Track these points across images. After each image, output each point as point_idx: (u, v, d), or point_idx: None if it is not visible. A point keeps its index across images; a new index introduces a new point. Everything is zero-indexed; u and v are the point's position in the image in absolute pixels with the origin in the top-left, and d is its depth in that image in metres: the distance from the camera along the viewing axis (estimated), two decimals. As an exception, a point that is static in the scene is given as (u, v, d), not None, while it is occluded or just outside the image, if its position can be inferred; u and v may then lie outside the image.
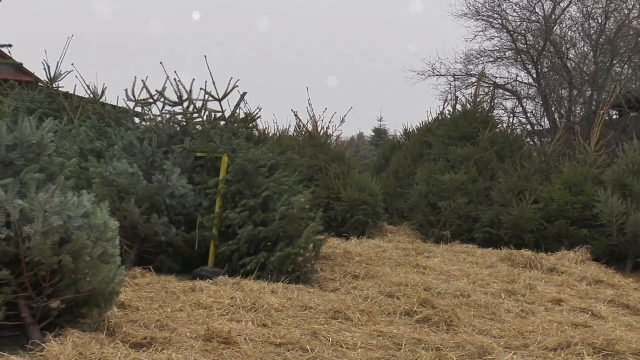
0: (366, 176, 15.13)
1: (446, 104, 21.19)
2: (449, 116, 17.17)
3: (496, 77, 28.38)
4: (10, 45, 6.21)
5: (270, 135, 16.25)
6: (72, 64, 14.37)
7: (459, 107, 16.92)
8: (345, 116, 16.65)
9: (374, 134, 38.59)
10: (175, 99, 10.06)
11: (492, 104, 17.65)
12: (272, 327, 6.19)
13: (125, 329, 5.69)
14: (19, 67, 21.90)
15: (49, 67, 14.43)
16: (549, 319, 7.26)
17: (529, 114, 28.86)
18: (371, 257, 10.55)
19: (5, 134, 5.40)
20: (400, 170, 17.39)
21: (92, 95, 13.73)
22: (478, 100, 16.61)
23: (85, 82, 13.87)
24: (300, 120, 16.32)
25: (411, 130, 19.97)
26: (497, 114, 23.32)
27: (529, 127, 28.58)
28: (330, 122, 18.58)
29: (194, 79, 9.96)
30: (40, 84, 15.75)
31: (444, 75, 28.95)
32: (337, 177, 14.22)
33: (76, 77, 13.94)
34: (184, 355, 5.18)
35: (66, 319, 5.70)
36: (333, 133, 16.35)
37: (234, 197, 9.07)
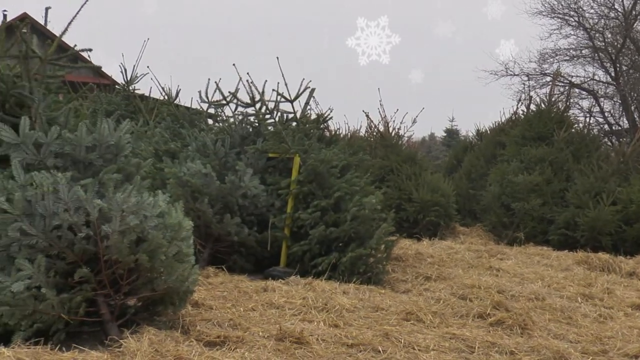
0: (438, 177, 14.99)
1: (520, 103, 20.83)
2: (522, 116, 16.85)
3: (572, 76, 27.84)
4: (90, 50, 6.36)
5: (342, 135, 16.21)
6: (148, 67, 14.69)
7: (533, 106, 16.58)
8: (416, 117, 16.52)
9: (445, 134, 38.17)
10: (247, 100, 10.14)
11: (568, 103, 17.20)
12: (343, 328, 6.19)
13: (199, 327, 5.77)
14: (97, 70, 22.45)
15: (125, 70, 14.82)
16: (628, 325, 7.05)
17: (606, 113, 28.21)
18: (443, 258, 10.45)
19: (85, 135, 5.54)
20: (473, 171, 17.18)
21: (166, 97, 14.00)
22: (553, 99, 16.23)
23: (160, 84, 14.15)
24: (372, 121, 16.26)
25: (484, 131, 19.70)
26: (573, 113, 22.81)
27: (606, 126, 27.96)
28: (401, 123, 18.44)
29: (266, 80, 10.05)
30: (117, 86, 16.17)
31: (517, 75, 28.54)
32: (408, 178, 14.13)
33: (151, 79, 14.25)
34: (257, 354, 5.23)
35: (142, 317, 5.83)
36: (404, 133, 16.24)
37: (305, 197, 9.10)
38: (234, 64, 10.13)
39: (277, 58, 9.86)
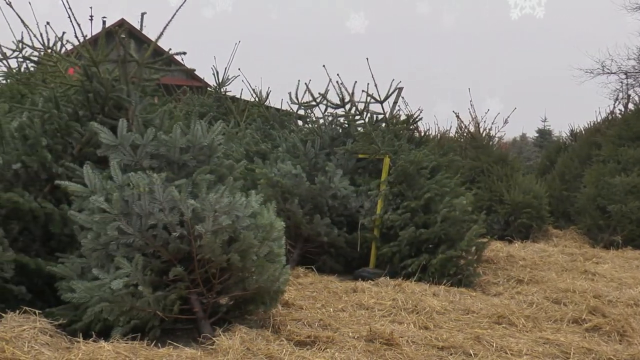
0: (530, 178, 14.66)
1: (617, 102, 20.15)
2: (619, 115, 16.29)
3: (676, 73, 26.74)
4: (184, 53, 6.50)
5: (432, 136, 16.07)
6: (239, 69, 14.95)
7: (631, 105, 16.02)
8: (508, 117, 16.19)
9: (537, 134, 37.33)
10: (337, 101, 10.17)
11: (671, 101, 16.52)
12: (434, 330, 6.14)
13: (289, 326, 5.82)
14: (190, 73, 22.95)
15: (217, 73, 15.11)
16: None
17: None
18: (535, 261, 10.21)
19: (179, 137, 5.67)
20: (567, 172, 16.71)
21: (257, 99, 14.19)
22: (654, 98, 15.63)
23: (250, 86, 14.37)
24: (462, 121, 16.04)
25: (578, 131, 19.15)
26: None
27: None
28: (492, 123, 18.16)
29: (355, 81, 10.05)
30: (209, 88, 16.51)
31: (614, 73, 27.61)
32: (499, 179, 13.87)
33: (242, 81, 14.47)
34: (347, 355, 5.23)
35: (234, 315, 5.92)
36: (495, 134, 15.95)
37: (395, 198, 9.07)
38: (323, 65, 10.20)
39: (367, 59, 9.86)
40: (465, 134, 16.06)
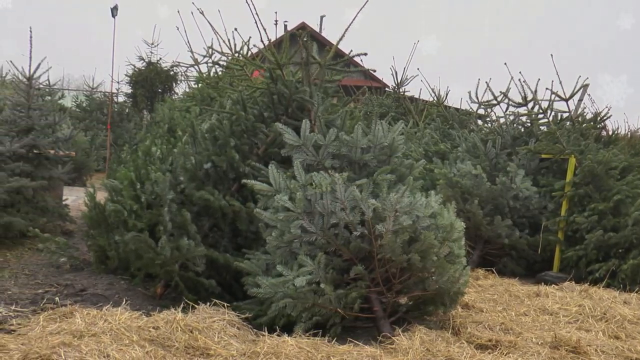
0: None
1: None
2: None
3: None
4: (365, 54, 6.58)
5: (621, 135, 15.25)
6: (418, 69, 14.96)
7: None
8: None
9: None
10: (519, 99, 9.91)
11: None
12: (625, 340, 5.81)
13: (469, 329, 5.73)
14: (368, 74, 23.18)
15: (396, 73, 15.19)
16: None
17: None
18: None
19: (360, 137, 5.73)
20: None
21: (435, 98, 14.12)
22: None
23: (429, 86, 14.34)
24: (655, 118, 15.10)
25: None
26: None
27: None
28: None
29: (539, 79, 9.75)
30: (387, 88, 16.64)
31: None
32: (701, 180, 12.91)
33: (421, 81, 14.45)
34: (530, 361, 5.07)
35: (413, 315, 5.90)
36: (696, 131, 14.85)
37: (581, 200, 8.72)
38: (505, 63, 9.96)
39: (552, 55, 9.53)
40: (659, 132, 15.10)
